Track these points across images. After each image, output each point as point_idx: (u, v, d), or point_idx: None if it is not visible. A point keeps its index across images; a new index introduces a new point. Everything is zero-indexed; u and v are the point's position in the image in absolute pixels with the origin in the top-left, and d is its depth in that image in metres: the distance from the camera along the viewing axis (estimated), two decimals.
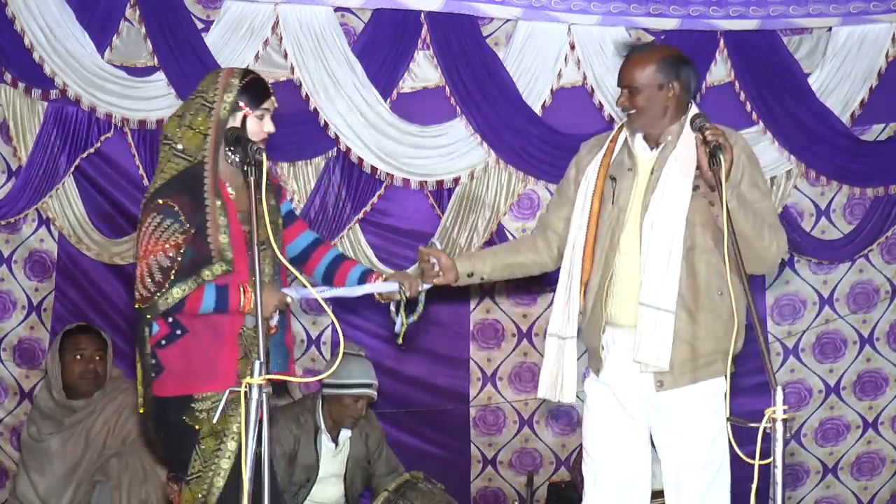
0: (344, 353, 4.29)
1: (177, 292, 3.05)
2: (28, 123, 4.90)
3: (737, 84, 4.99)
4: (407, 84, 5.00)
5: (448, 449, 5.23)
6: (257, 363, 2.62)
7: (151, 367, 3.13)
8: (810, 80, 4.97)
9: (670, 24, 4.94)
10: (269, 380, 2.63)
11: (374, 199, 5.06)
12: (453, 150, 5.00)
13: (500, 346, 5.23)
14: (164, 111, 4.89)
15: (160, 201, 3.08)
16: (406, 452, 5.03)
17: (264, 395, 2.60)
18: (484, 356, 5.21)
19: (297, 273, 2.99)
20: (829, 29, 4.99)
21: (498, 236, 5.08)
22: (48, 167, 4.91)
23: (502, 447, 5.23)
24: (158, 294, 3.03)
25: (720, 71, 5.02)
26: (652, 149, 3.31)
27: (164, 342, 3.11)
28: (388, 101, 4.95)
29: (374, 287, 3.37)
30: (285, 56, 4.89)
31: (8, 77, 4.85)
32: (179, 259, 3.05)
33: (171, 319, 3.10)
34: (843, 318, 5.16)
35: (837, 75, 4.97)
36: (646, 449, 3.32)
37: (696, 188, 3.17)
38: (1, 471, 5.02)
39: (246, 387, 2.60)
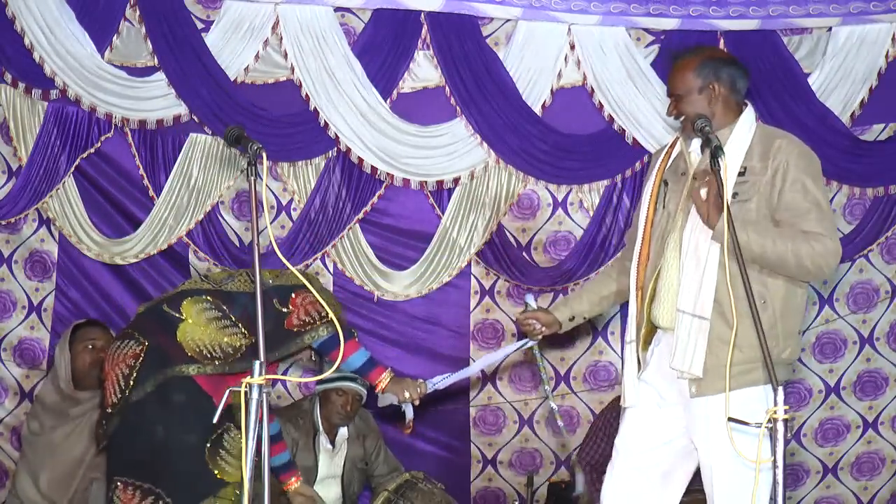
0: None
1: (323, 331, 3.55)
2: (28, 123, 4.91)
3: None
4: (407, 84, 5.01)
5: (448, 449, 5.23)
6: (257, 363, 2.63)
7: None
8: (810, 80, 4.97)
9: (670, 24, 4.95)
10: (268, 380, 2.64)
11: (374, 199, 5.06)
12: (453, 150, 5.00)
13: (500, 346, 5.23)
14: (164, 111, 4.90)
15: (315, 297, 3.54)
16: (406, 452, 5.03)
17: (264, 395, 2.61)
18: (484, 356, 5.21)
19: (294, 271, 3.00)
20: (829, 29, 4.99)
21: (498, 236, 5.08)
22: (48, 167, 4.91)
23: (502, 447, 5.23)
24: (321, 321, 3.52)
25: None
26: (704, 152, 3.27)
27: None
28: (388, 101, 4.95)
29: (506, 350, 3.78)
30: (285, 56, 4.90)
31: (8, 77, 4.85)
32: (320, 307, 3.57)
33: None
34: (843, 318, 5.16)
35: (837, 75, 4.97)
36: (683, 450, 3.30)
37: (735, 195, 3.14)
38: (1, 471, 5.02)
39: (246, 387, 2.60)
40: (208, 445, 3.42)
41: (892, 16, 4.92)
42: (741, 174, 3.17)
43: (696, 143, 3.30)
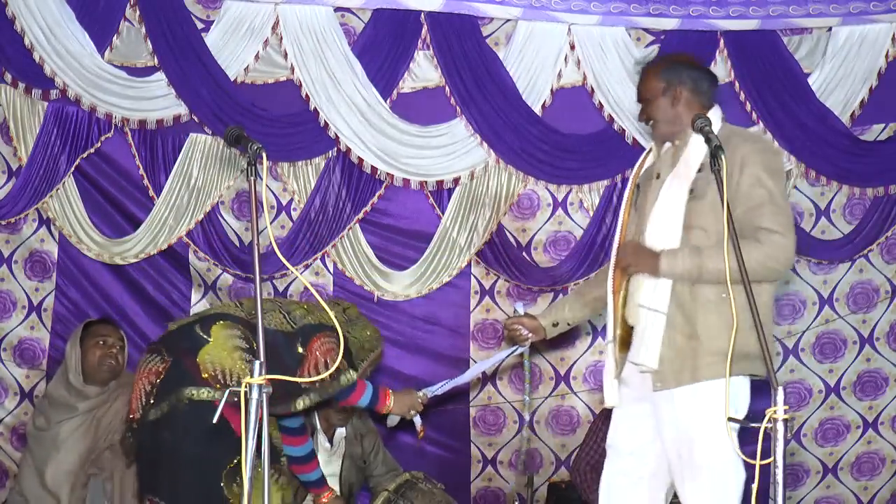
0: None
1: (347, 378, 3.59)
2: (28, 123, 4.90)
3: (737, 84, 4.99)
4: (407, 84, 5.01)
5: (448, 449, 5.23)
6: (257, 363, 2.62)
7: None
8: (810, 80, 4.97)
9: (670, 24, 4.95)
10: (269, 380, 2.64)
11: (374, 199, 5.06)
12: (453, 150, 5.00)
13: (500, 347, 5.23)
14: (164, 111, 4.90)
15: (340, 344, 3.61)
16: (406, 452, 5.03)
17: (264, 395, 2.61)
18: (484, 356, 5.20)
19: (296, 272, 3.02)
20: (829, 29, 4.99)
21: (498, 236, 5.08)
22: (48, 167, 4.91)
23: (502, 447, 5.23)
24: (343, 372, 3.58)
25: (720, 71, 5.01)
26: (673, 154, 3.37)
27: None
28: (388, 101, 4.95)
29: (498, 357, 3.89)
30: (285, 56, 4.90)
31: (8, 77, 4.85)
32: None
33: None
34: (843, 318, 5.15)
35: (837, 75, 4.98)
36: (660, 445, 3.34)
37: (691, 191, 3.21)
38: (1, 471, 5.02)
39: (246, 387, 2.60)
40: (226, 471, 3.43)
41: (892, 16, 4.92)
42: (699, 171, 3.23)
43: (668, 146, 3.39)
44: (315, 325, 3.61)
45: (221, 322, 3.58)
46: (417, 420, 3.87)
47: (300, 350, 3.55)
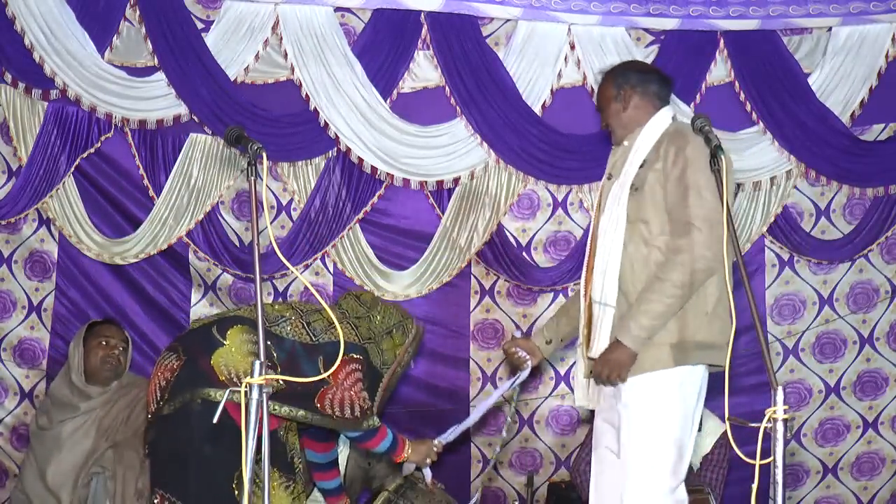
0: None
1: (369, 423, 3.66)
2: (28, 123, 4.90)
3: (737, 84, 4.99)
4: (407, 84, 5.01)
5: (448, 449, 5.21)
6: (257, 363, 2.62)
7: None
8: (810, 80, 4.97)
9: (670, 24, 4.95)
10: (269, 380, 2.64)
11: (374, 199, 5.06)
12: (453, 150, 5.00)
13: (499, 347, 5.23)
14: (164, 111, 4.90)
15: (366, 365, 3.79)
16: None
17: (264, 395, 2.61)
18: (484, 356, 5.20)
19: (296, 272, 3.02)
20: (829, 29, 4.99)
21: (498, 236, 5.08)
22: (48, 167, 4.91)
23: (502, 447, 5.23)
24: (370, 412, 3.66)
25: (720, 71, 5.02)
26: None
27: None
28: (388, 101, 4.95)
29: (501, 389, 3.93)
30: (285, 56, 4.90)
31: (8, 77, 4.85)
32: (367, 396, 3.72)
33: None
34: (843, 318, 5.15)
35: (837, 75, 4.98)
36: None
37: (632, 185, 3.30)
38: (1, 471, 5.02)
39: (246, 387, 2.60)
40: (237, 472, 3.43)
41: (892, 16, 4.92)
42: (641, 166, 3.33)
43: (620, 150, 3.48)
44: (336, 343, 3.63)
45: (239, 326, 3.60)
46: (427, 472, 3.98)
47: (321, 370, 3.57)
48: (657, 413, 3.22)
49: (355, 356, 3.73)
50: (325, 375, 3.42)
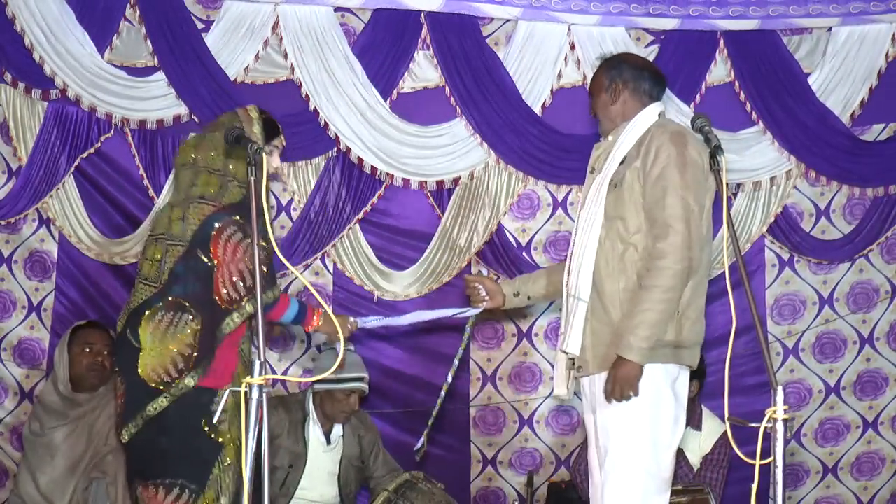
0: (332, 349, 4.39)
1: (267, 297, 3.38)
2: (28, 123, 4.91)
3: (737, 84, 4.99)
4: (407, 84, 5.01)
5: (448, 449, 5.23)
6: (257, 363, 2.63)
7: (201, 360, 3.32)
8: (810, 80, 4.97)
9: (670, 24, 4.95)
10: (268, 380, 2.64)
11: (374, 199, 5.06)
12: (453, 150, 5.00)
13: (500, 346, 5.23)
14: (164, 111, 4.90)
15: (237, 218, 3.35)
16: (406, 452, 5.02)
17: (264, 395, 2.61)
18: (484, 356, 5.21)
19: (296, 272, 3.03)
20: (829, 29, 4.99)
21: (498, 236, 5.08)
22: (48, 167, 4.91)
23: (502, 447, 5.23)
24: (248, 298, 3.33)
25: (720, 71, 5.02)
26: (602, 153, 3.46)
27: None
28: (388, 101, 4.95)
29: (444, 312, 3.78)
30: (285, 56, 4.90)
31: (8, 77, 4.85)
32: (264, 269, 3.35)
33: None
34: (843, 318, 5.15)
35: (837, 75, 4.97)
36: None
37: (612, 183, 3.28)
38: (1, 471, 5.02)
39: (246, 387, 2.60)
40: (206, 417, 3.31)
41: (892, 16, 4.92)
42: (621, 163, 3.31)
43: (604, 144, 3.45)
44: (204, 223, 3.33)
45: (147, 314, 3.35)
46: (339, 347, 3.66)
47: (205, 260, 3.32)
48: (627, 411, 3.21)
49: (225, 221, 3.35)
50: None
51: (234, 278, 3.32)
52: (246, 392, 2.61)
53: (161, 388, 3.30)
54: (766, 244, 5.15)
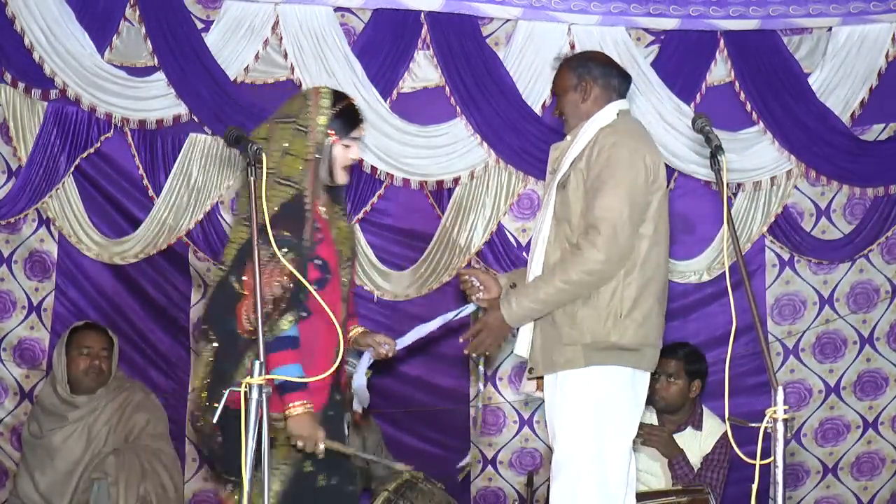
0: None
1: (284, 324, 3.06)
2: (28, 123, 4.90)
3: (737, 84, 4.99)
4: (407, 84, 5.01)
5: (448, 449, 5.22)
6: (257, 363, 2.62)
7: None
8: (810, 80, 4.97)
9: (670, 24, 4.95)
10: (268, 380, 2.63)
11: (374, 199, 5.06)
12: (453, 150, 5.00)
13: (499, 346, 5.22)
14: (163, 111, 4.90)
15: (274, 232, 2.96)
16: (406, 452, 5.02)
17: (264, 395, 2.61)
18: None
19: (312, 289, 3.01)
20: (829, 29, 4.99)
21: (498, 236, 5.08)
22: (48, 167, 4.91)
23: (502, 447, 5.23)
24: (266, 326, 2.95)
25: (720, 71, 5.02)
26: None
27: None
28: (388, 101, 4.95)
29: (445, 317, 3.64)
30: (285, 56, 4.90)
31: (8, 77, 4.85)
32: (290, 287, 3.05)
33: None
34: (843, 318, 5.15)
35: (837, 75, 4.97)
36: None
37: (560, 185, 3.29)
38: (1, 471, 5.02)
39: (246, 387, 2.60)
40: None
41: (892, 16, 4.92)
42: (571, 164, 3.31)
43: (562, 144, 3.44)
44: (242, 248, 3.09)
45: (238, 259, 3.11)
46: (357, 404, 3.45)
47: (237, 287, 3.08)
48: (569, 413, 3.22)
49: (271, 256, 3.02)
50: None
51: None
52: (246, 392, 2.60)
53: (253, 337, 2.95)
54: (766, 244, 5.15)
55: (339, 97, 3.34)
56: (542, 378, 3.38)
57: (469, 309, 3.64)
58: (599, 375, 3.20)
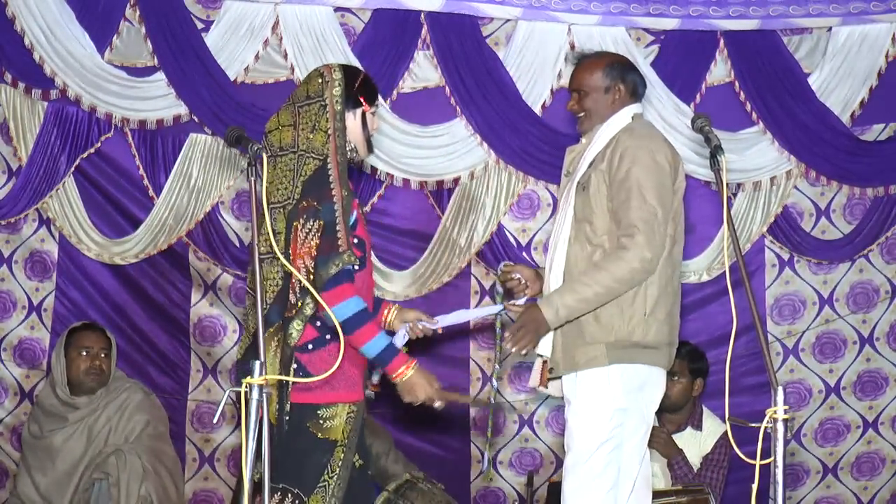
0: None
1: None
2: (28, 123, 4.91)
3: (737, 84, 4.99)
4: (407, 84, 5.01)
5: (448, 449, 5.22)
6: (257, 363, 2.62)
7: (293, 371, 3.06)
8: (810, 80, 4.97)
9: (670, 24, 4.95)
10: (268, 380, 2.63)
11: (374, 199, 5.06)
12: (453, 150, 5.00)
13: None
14: (164, 111, 4.90)
15: (304, 204, 3.07)
16: (406, 452, 5.02)
17: (264, 395, 2.61)
18: (484, 356, 5.20)
19: (308, 285, 2.99)
20: (829, 29, 4.99)
21: (498, 236, 5.08)
22: (48, 167, 4.91)
23: (502, 447, 5.23)
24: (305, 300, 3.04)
25: (720, 71, 5.02)
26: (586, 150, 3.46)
27: (310, 346, 3.09)
28: (388, 101, 4.95)
29: (479, 312, 3.67)
30: (285, 56, 4.90)
31: (8, 77, 4.85)
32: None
33: (318, 324, 3.10)
34: (843, 318, 5.15)
35: (837, 75, 4.97)
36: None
37: (580, 186, 3.30)
38: (1, 471, 5.02)
39: (246, 387, 2.60)
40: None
41: (892, 16, 4.92)
42: (590, 165, 3.33)
43: (578, 147, 3.47)
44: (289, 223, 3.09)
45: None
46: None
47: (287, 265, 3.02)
48: (589, 410, 3.23)
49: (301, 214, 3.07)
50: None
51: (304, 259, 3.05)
52: (246, 392, 2.60)
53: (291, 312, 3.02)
54: (766, 244, 5.15)
55: (352, 71, 3.38)
56: (553, 378, 3.39)
57: (520, 301, 3.56)
58: (620, 373, 3.22)
